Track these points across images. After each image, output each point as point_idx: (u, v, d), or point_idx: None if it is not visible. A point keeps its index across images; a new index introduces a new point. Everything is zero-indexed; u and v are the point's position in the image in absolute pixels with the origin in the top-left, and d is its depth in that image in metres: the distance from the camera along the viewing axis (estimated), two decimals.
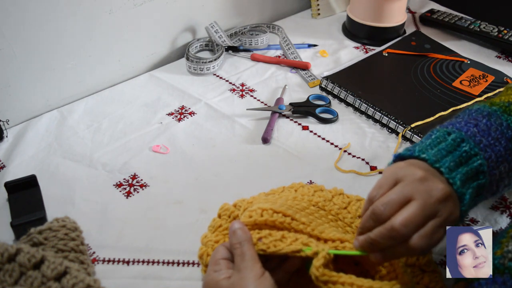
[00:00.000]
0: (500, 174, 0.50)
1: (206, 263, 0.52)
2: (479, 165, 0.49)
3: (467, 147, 0.50)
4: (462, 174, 0.48)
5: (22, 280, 0.48)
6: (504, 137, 0.51)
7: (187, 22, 0.94)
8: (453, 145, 0.50)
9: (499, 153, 0.50)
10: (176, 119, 0.80)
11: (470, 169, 0.49)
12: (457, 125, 0.53)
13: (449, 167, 0.48)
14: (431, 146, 0.51)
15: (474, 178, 0.49)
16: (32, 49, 0.75)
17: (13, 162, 0.71)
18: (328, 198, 0.60)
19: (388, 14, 0.97)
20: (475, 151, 0.49)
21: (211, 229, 0.57)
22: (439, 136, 0.52)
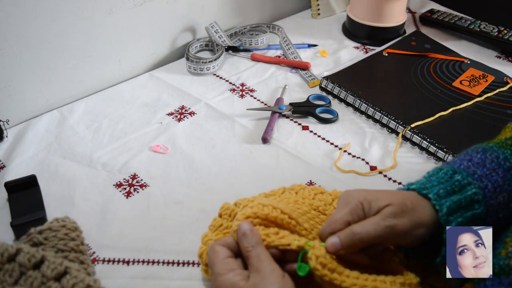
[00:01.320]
0: (499, 204, 0.49)
1: (206, 262, 0.52)
2: (473, 194, 0.48)
3: (459, 177, 0.49)
4: (453, 202, 0.47)
5: (22, 280, 0.48)
6: (501, 168, 0.50)
7: (187, 22, 0.94)
8: (445, 177, 0.50)
9: (496, 183, 0.49)
10: (176, 119, 0.80)
11: (464, 197, 0.48)
12: (450, 163, 0.52)
13: (437, 194, 0.48)
14: (422, 180, 0.51)
15: (468, 208, 0.48)
16: (32, 49, 0.75)
17: (13, 162, 0.71)
18: (329, 201, 0.60)
19: (388, 14, 0.97)
20: (468, 180, 0.49)
21: (212, 228, 0.57)
22: (431, 174, 0.52)
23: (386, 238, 0.47)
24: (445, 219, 0.47)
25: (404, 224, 0.47)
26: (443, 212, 0.47)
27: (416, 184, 0.51)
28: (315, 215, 0.57)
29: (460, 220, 0.47)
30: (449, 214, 0.47)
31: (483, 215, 0.48)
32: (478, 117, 0.79)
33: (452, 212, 0.47)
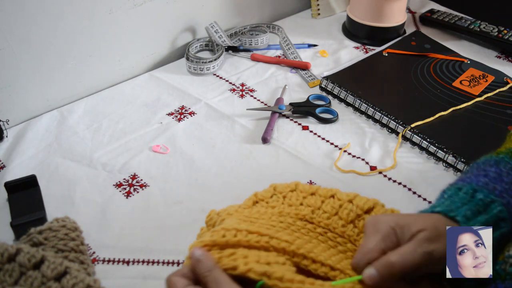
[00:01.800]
0: None
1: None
2: (499, 212, 0.46)
3: (482, 196, 0.47)
4: (481, 223, 0.46)
5: (22, 280, 0.48)
6: None
7: (187, 22, 0.94)
8: (466, 197, 0.48)
9: None
10: (176, 119, 0.80)
11: (491, 217, 0.46)
12: (467, 179, 0.51)
13: (465, 216, 0.46)
14: (444, 201, 0.49)
15: (495, 227, 0.46)
16: (32, 49, 0.75)
17: (13, 162, 0.71)
18: (317, 206, 0.56)
19: (388, 14, 0.97)
20: (491, 198, 0.47)
21: (199, 238, 0.56)
22: (451, 194, 0.50)
23: (424, 265, 0.44)
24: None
25: (440, 249, 0.45)
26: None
27: (440, 206, 0.48)
28: (301, 226, 0.54)
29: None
30: None
31: (507, 233, 0.47)
32: (478, 117, 0.79)
33: None
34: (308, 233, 0.53)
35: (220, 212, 0.57)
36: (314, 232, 0.54)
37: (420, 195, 0.67)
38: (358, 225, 0.54)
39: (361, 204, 0.55)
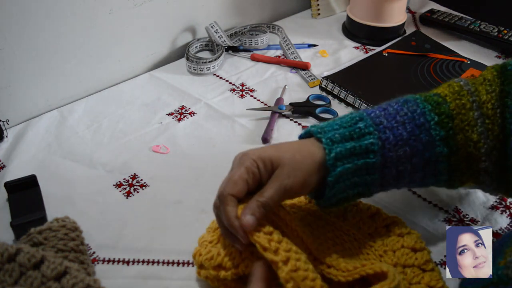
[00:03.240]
0: (398, 158, 0.50)
1: (198, 263, 0.53)
2: (370, 144, 0.49)
3: (362, 125, 0.50)
4: (346, 149, 0.49)
5: (22, 280, 0.48)
6: (413, 122, 0.51)
7: (187, 22, 0.94)
8: (349, 122, 0.51)
9: (400, 136, 0.50)
10: (176, 119, 0.80)
11: (359, 145, 0.49)
12: (367, 110, 0.53)
13: (331, 139, 0.49)
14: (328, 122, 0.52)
15: (363, 156, 0.49)
16: (32, 49, 0.75)
17: (13, 162, 0.71)
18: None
19: (388, 14, 0.97)
20: (369, 130, 0.50)
21: (209, 230, 0.57)
22: (342, 117, 0.53)
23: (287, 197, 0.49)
24: (331, 163, 0.48)
25: (297, 181, 0.48)
26: (330, 156, 0.48)
27: (316, 126, 0.52)
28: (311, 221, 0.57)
29: (348, 166, 0.49)
30: (336, 159, 0.49)
31: (378, 165, 0.50)
32: None
33: (342, 157, 0.49)
34: (317, 228, 0.56)
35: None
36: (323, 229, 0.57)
37: (420, 195, 0.67)
38: (363, 227, 0.57)
39: (364, 209, 0.59)
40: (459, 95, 0.52)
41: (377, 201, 0.65)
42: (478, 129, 0.51)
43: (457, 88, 0.53)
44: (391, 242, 0.55)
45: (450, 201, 0.66)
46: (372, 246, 0.55)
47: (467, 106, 0.52)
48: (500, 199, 0.67)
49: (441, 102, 0.52)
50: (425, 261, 0.53)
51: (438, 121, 0.51)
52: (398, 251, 0.54)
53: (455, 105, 0.52)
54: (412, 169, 0.51)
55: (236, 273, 0.49)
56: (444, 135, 0.51)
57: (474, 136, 0.51)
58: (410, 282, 0.51)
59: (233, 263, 0.49)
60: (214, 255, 0.51)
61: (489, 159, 0.52)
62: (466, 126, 0.51)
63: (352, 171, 0.49)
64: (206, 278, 0.53)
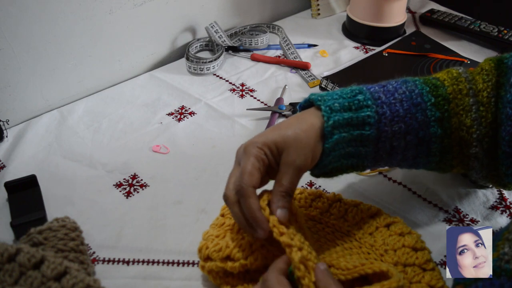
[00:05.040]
0: (393, 133, 0.52)
1: (204, 257, 0.52)
2: (366, 116, 0.51)
3: (361, 98, 0.52)
4: (343, 118, 0.50)
5: (22, 280, 0.48)
6: (410, 101, 0.52)
7: (187, 22, 0.94)
8: (349, 94, 0.53)
9: (397, 113, 0.51)
10: (176, 119, 0.80)
11: (356, 117, 0.51)
12: (366, 84, 0.55)
13: (331, 107, 0.51)
14: (328, 92, 0.54)
15: (358, 127, 0.51)
16: (32, 49, 0.75)
17: (13, 162, 0.71)
18: (325, 209, 0.60)
19: (388, 14, 0.97)
20: (367, 103, 0.51)
21: (214, 226, 0.57)
22: (342, 88, 0.54)
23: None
24: (329, 130, 0.50)
25: (307, 157, 0.49)
26: (328, 124, 0.50)
27: (316, 95, 0.53)
28: (311, 225, 0.58)
29: (344, 135, 0.50)
30: (334, 127, 0.50)
31: (372, 138, 0.51)
32: None
33: (339, 126, 0.50)
34: (317, 232, 0.58)
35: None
36: (322, 231, 0.58)
37: (420, 195, 0.67)
38: (363, 226, 0.58)
39: (365, 209, 0.59)
40: (457, 81, 0.54)
41: (377, 201, 0.65)
42: (472, 115, 0.52)
43: (456, 74, 0.55)
44: (392, 241, 0.55)
45: (450, 201, 0.66)
46: (373, 245, 0.55)
47: (464, 92, 0.53)
48: (500, 199, 0.67)
49: (439, 85, 0.54)
50: (426, 260, 0.53)
51: (434, 103, 0.53)
52: (399, 250, 0.54)
53: (452, 89, 0.53)
54: (405, 146, 0.53)
55: (244, 266, 0.50)
56: (439, 116, 0.52)
57: (468, 121, 0.52)
58: (410, 281, 0.51)
59: (243, 255, 0.50)
60: (223, 247, 0.51)
61: (480, 145, 0.53)
62: (461, 110, 0.53)
63: (347, 140, 0.51)
64: (209, 273, 0.53)
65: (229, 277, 0.52)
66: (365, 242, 0.56)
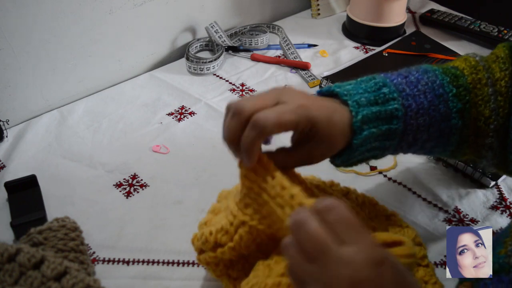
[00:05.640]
0: (418, 126, 0.50)
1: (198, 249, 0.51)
2: (394, 109, 0.49)
3: (386, 91, 0.50)
4: (372, 112, 0.48)
5: (22, 280, 0.48)
6: (432, 92, 0.51)
7: (187, 22, 0.94)
8: (373, 88, 0.50)
9: (421, 105, 0.50)
10: (176, 119, 0.80)
11: (385, 110, 0.49)
12: (387, 75, 0.53)
13: (358, 102, 0.48)
14: (350, 84, 0.51)
15: (387, 121, 0.49)
16: (32, 49, 0.75)
17: (13, 162, 0.71)
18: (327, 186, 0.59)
19: (388, 14, 0.97)
20: (393, 96, 0.49)
21: (208, 213, 0.56)
22: (363, 80, 0.52)
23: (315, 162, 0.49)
24: (358, 125, 0.47)
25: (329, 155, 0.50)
26: (357, 119, 0.47)
27: (341, 88, 0.50)
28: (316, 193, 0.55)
29: (373, 131, 0.48)
30: (363, 122, 0.48)
31: (399, 132, 0.50)
32: None
33: (368, 121, 0.48)
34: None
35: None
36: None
37: (420, 195, 0.67)
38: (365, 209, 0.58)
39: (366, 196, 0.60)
40: (475, 70, 0.53)
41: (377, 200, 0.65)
42: (491, 105, 0.52)
43: (474, 63, 0.54)
44: (392, 230, 0.55)
45: (450, 201, 0.66)
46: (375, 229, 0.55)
47: (483, 81, 0.52)
48: (500, 199, 0.67)
49: (459, 75, 0.52)
50: (422, 256, 0.53)
51: (456, 93, 0.51)
52: None
53: (471, 79, 0.52)
54: (427, 138, 0.52)
55: (233, 248, 0.48)
56: (461, 107, 0.51)
57: (486, 111, 0.52)
58: None
59: (227, 238, 0.48)
60: (207, 236, 0.49)
61: (496, 135, 0.52)
62: (480, 101, 0.52)
63: (375, 135, 0.49)
64: (207, 265, 0.52)
65: (230, 269, 0.51)
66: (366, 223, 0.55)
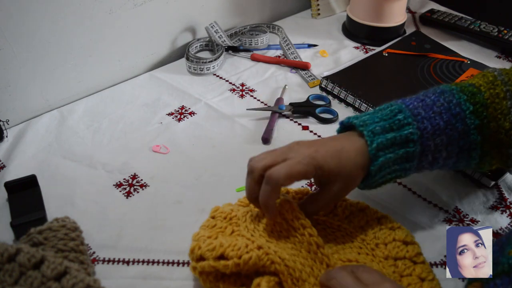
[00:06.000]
0: (436, 146, 0.53)
1: (196, 257, 0.52)
2: (409, 134, 0.52)
3: (401, 117, 0.53)
4: (387, 139, 0.52)
5: (22, 280, 0.48)
6: (449, 112, 0.53)
7: (187, 22, 0.94)
8: (389, 115, 0.54)
9: (437, 126, 0.53)
10: (176, 119, 0.80)
11: (400, 136, 0.52)
12: (406, 100, 0.55)
13: (372, 131, 0.52)
14: (368, 114, 0.55)
15: (403, 145, 0.52)
16: (32, 49, 0.75)
17: (13, 162, 0.71)
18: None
19: (388, 14, 0.97)
20: (408, 121, 0.53)
21: (205, 227, 0.57)
22: (381, 108, 0.56)
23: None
24: (373, 153, 0.51)
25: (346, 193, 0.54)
26: (372, 147, 0.51)
27: (359, 119, 0.54)
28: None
29: (390, 156, 0.52)
30: (378, 149, 0.52)
31: (417, 153, 0.53)
32: None
33: (383, 148, 0.52)
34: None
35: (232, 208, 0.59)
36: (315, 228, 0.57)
37: (420, 195, 0.67)
38: (354, 220, 0.58)
39: (354, 204, 0.60)
40: (493, 85, 0.55)
41: (377, 201, 0.65)
42: (510, 117, 0.53)
43: (491, 78, 0.55)
44: (382, 235, 0.55)
45: (450, 201, 0.66)
46: (364, 239, 0.56)
47: (501, 95, 0.54)
48: (500, 199, 0.67)
49: (476, 92, 0.54)
50: (416, 253, 0.53)
51: (473, 110, 0.53)
52: (390, 244, 0.54)
53: (489, 94, 0.54)
54: (447, 156, 0.54)
55: (237, 265, 0.49)
56: (478, 123, 0.53)
57: (507, 124, 0.53)
58: (401, 274, 0.51)
59: (236, 254, 0.49)
60: (217, 246, 0.50)
61: None
62: (499, 114, 0.53)
63: (393, 160, 0.52)
64: (200, 275, 0.52)
65: (220, 281, 0.51)
66: (356, 236, 0.56)
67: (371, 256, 0.54)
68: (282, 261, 0.48)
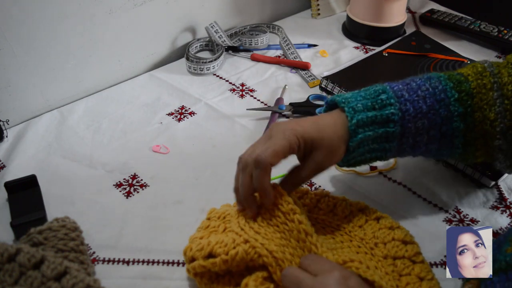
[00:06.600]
0: (417, 129, 0.54)
1: (188, 259, 0.52)
2: (390, 114, 0.53)
3: (384, 97, 0.54)
4: (367, 117, 0.53)
5: (22, 280, 0.48)
6: (433, 97, 0.54)
7: (187, 22, 0.94)
8: (372, 94, 0.55)
9: (420, 109, 0.53)
10: (176, 119, 0.80)
11: (381, 115, 0.53)
12: (392, 83, 0.57)
13: (353, 108, 0.53)
14: (352, 92, 0.56)
15: (383, 125, 0.53)
16: (32, 49, 0.75)
17: (13, 162, 0.71)
18: (313, 204, 0.61)
19: (388, 14, 0.97)
20: (390, 102, 0.53)
21: (200, 229, 0.58)
22: (367, 88, 0.57)
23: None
24: (353, 129, 0.53)
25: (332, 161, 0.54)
26: (352, 123, 0.52)
27: (341, 96, 0.56)
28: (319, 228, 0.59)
29: (369, 134, 0.53)
30: (358, 126, 0.53)
31: (397, 134, 0.54)
32: None
33: (363, 125, 0.53)
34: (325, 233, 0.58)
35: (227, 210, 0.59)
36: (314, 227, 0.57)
37: (420, 195, 0.67)
38: (353, 220, 0.59)
39: (354, 203, 0.60)
40: (481, 76, 0.55)
41: (377, 201, 0.65)
42: (496, 108, 0.54)
43: (480, 69, 0.56)
44: (382, 235, 0.55)
45: (450, 201, 0.66)
46: (363, 238, 0.56)
47: (488, 86, 0.54)
48: (500, 199, 0.67)
49: (463, 80, 0.55)
50: (415, 253, 0.53)
51: (458, 98, 0.54)
52: (389, 243, 0.54)
53: (476, 84, 0.54)
54: (428, 140, 0.55)
55: (225, 262, 0.49)
56: (462, 111, 0.54)
57: (491, 115, 0.54)
58: (400, 273, 0.51)
59: (224, 250, 0.49)
60: (204, 245, 0.51)
61: (504, 137, 0.54)
62: (485, 105, 0.54)
63: (372, 138, 0.53)
64: (195, 276, 0.52)
65: (214, 282, 0.51)
66: (355, 235, 0.57)
67: (370, 255, 0.54)
68: (270, 253, 0.48)
